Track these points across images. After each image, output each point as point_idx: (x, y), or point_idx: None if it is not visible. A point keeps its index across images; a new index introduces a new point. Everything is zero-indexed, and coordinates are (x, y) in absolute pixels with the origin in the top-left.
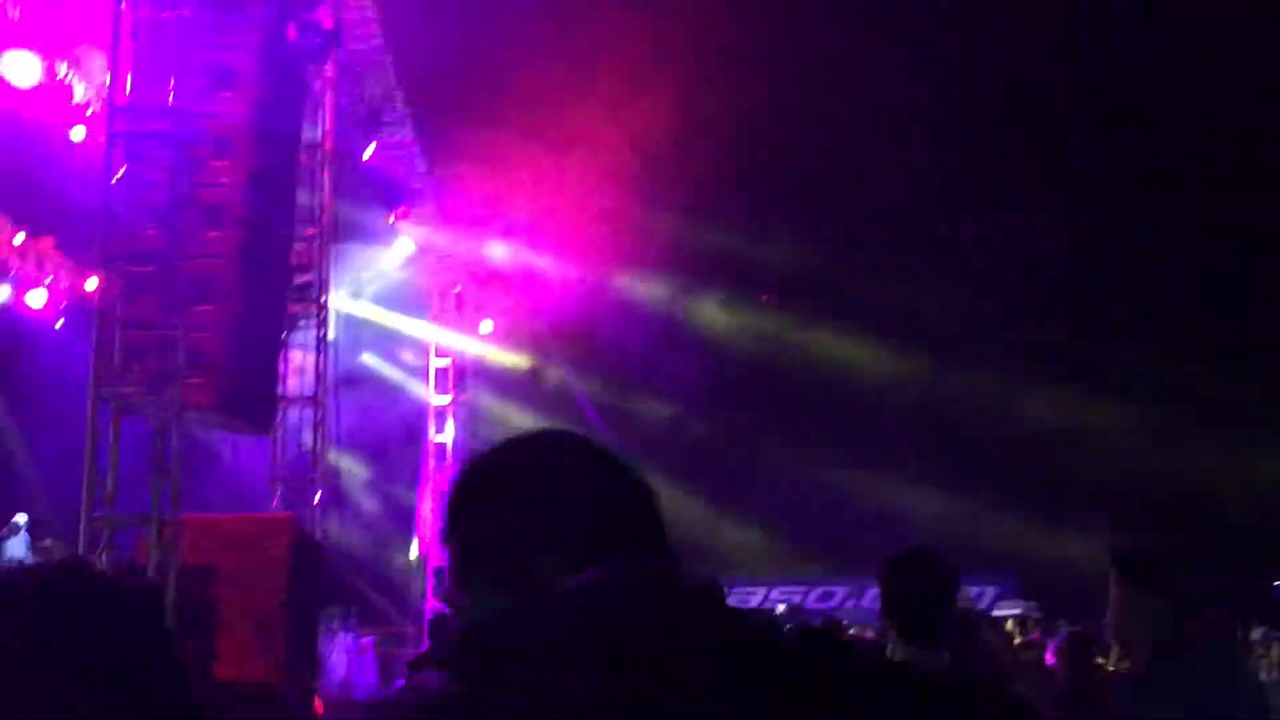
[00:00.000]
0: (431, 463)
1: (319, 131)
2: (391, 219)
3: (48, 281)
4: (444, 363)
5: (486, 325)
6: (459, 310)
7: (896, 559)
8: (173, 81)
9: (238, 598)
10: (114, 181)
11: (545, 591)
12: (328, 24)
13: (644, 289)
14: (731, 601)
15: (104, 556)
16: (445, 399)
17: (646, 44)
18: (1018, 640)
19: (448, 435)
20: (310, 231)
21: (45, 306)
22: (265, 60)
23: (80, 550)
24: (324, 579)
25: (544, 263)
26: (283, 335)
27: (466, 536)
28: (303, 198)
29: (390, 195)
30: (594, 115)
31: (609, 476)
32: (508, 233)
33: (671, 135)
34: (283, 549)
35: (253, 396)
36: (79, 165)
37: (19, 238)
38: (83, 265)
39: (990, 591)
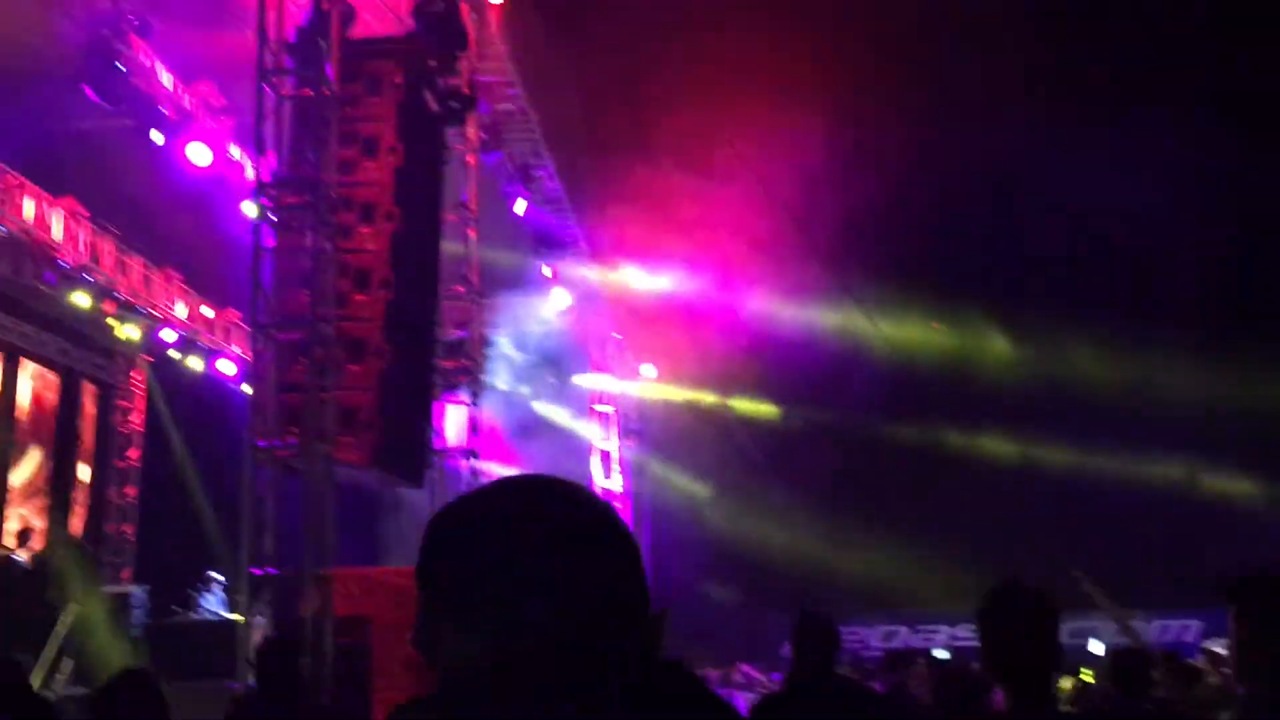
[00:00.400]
0: None
1: (465, 191)
2: (547, 270)
3: (234, 350)
4: (607, 409)
5: (648, 369)
6: (620, 356)
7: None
8: (317, 154)
9: (394, 648)
10: (262, 252)
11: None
12: (464, 89)
13: (806, 317)
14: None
15: (265, 609)
16: (611, 444)
17: (795, 73)
18: (1213, 678)
19: (615, 481)
20: (460, 289)
21: (236, 375)
22: (405, 128)
23: (245, 604)
24: None
25: (703, 299)
26: (434, 390)
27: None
28: (454, 255)
29: (544, 246)
30: (745, 148)
31: (591, 534)
32: (664, 272)
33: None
34: None
35: (403, 451)
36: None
37: (208, 311)
38: None
39: (1194, 626)
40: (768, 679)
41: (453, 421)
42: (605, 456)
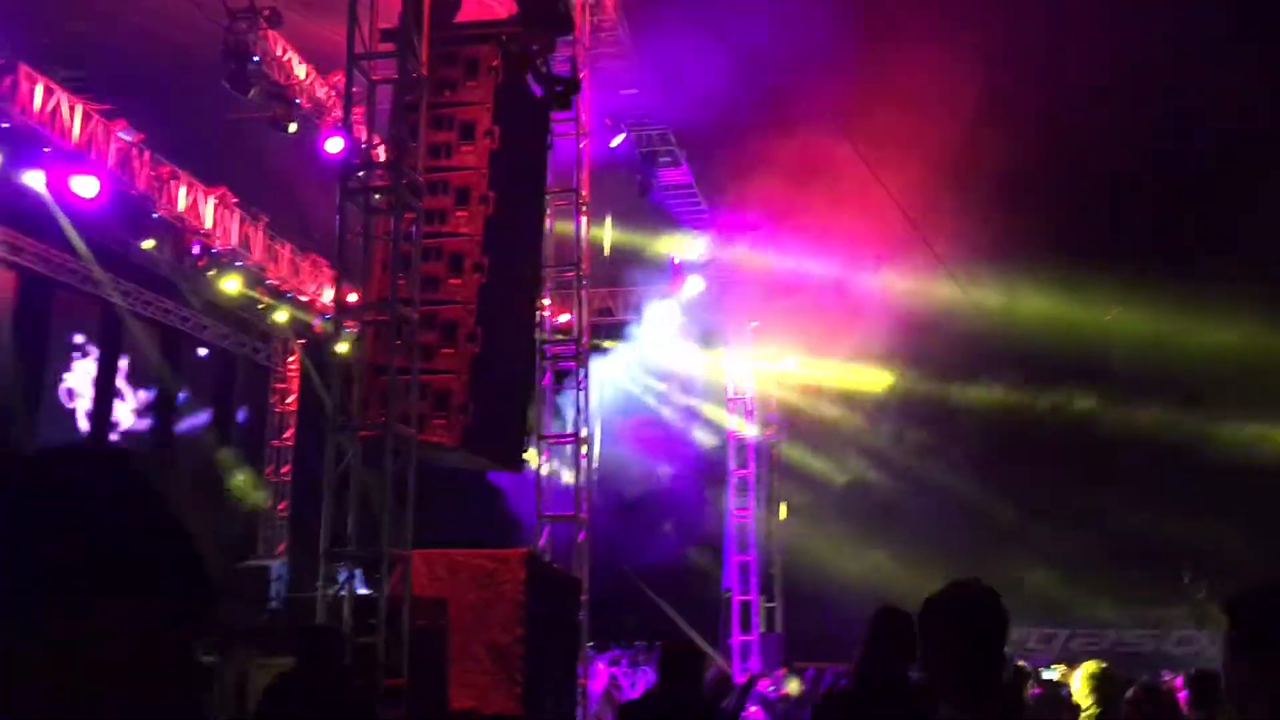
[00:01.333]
0: (734, 497)
1: (576, 175)
2: (678, 254)
3: None
4: (743, 394)
5: (787, 353)
6: (757, 339)
7: (930, 603)
8: (410, 138)
9: (476, 631)
10: (351, 235)
11: None
12: (567, 72)
13: (949, 293)
14: None
15: (345, 591)
16: (749, 431)
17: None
18: None
19: (750, 469)
20: (570, 274)
21: None
22: (503, 113)
23: (320, 584)
24: (568, 615)
25: (844, 280)
26: (535, 375)
27: None
28: (565, 240)
29: (675, 230)
30: (887, 120)
31: None
32: (800, 254)
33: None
34: (517, 584)
35: (498, 435)
36: None
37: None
38: None
39: None
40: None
41: (562, 406)
42: (739, 442)
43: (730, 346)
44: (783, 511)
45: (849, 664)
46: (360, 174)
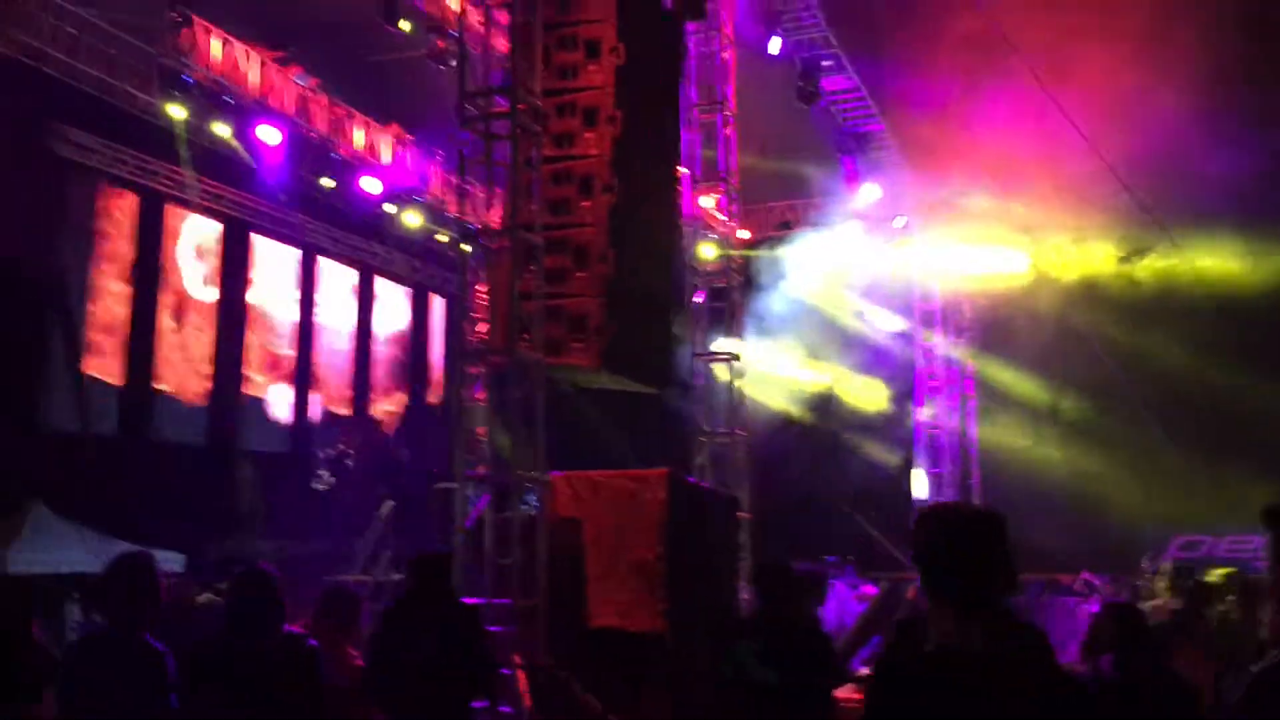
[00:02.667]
0: (923, 408)
1: (721, 89)
2: (848, 169)
3: None
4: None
5: (974, 262)
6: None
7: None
8: (538, 60)
9: (620, 551)
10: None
11: None
12: None
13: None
14: None
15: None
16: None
17: None
18: None
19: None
20: (719, 189)
21: None
22: (629, 28)
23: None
24: (720, 533)
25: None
26: (680, 293)
27: None
28: (710, 156)
29: (846, 141)
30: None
31: None
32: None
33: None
34: (658, 503)
35: (640, 356)
36: None
37: None
38: None
39: None
40: (1115, 584)
41: (716, 325)
42: (928, 354)
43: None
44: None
45: (1046, 575)
46: (479, 101)
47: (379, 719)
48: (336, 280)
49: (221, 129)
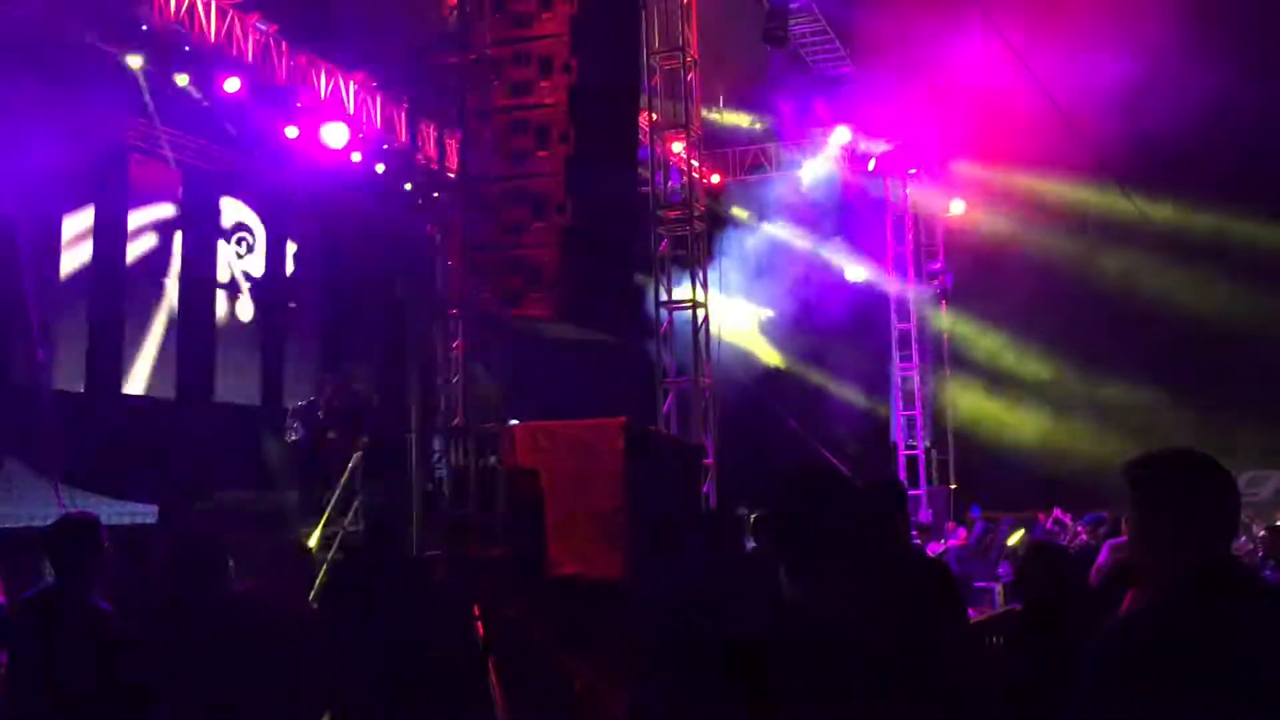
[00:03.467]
0: (897, 350)
1: (681, 33)
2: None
3: None
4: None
5: (957, 205)
6: (920, 189)
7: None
8: (496, 10)
9: (580, 500)
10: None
11: None
12: None
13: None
14: None
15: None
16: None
17: None
18: None
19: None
20: (680, 136)
21: None
22: None
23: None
24: (683, 481)
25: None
26: (635, 242)
27: None
28: (673, 103)
29: (820, 82)
30: None
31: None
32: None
33: None
34: (616, 452)
35: (599, 305)
36: None
37: None
38: None
39: None
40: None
41: (682, 272)
42: (899, 301)
43: (888, 197)
44: None
45: (1019, 514)
46: (432, 51)
47: None
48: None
49: (180, 78)
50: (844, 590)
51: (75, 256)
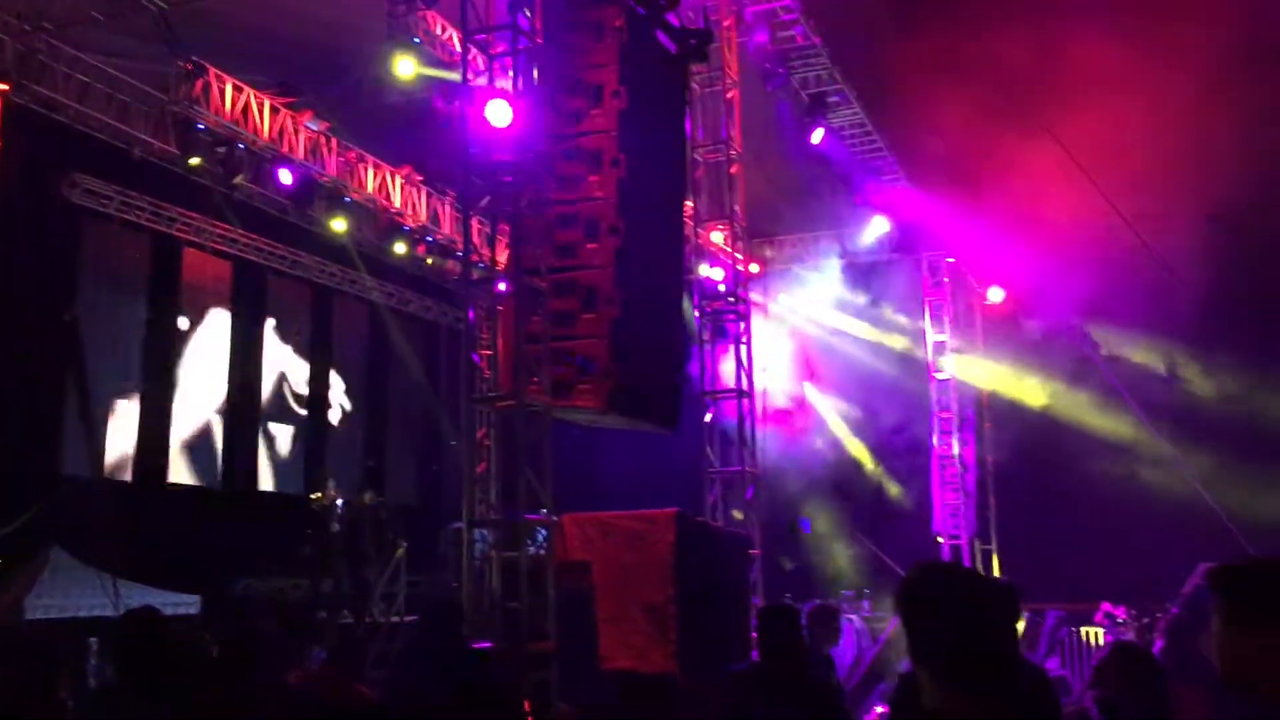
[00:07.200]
0: (938, 436)
1: (726, 128)
2: (858, 201)
3: None
4: (943, 338)
5: (996, 293)
6: (956, 280)
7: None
8: (548, 107)
9: (631, 592)
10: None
11: None
12: (699, 22)
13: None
14: None
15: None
16: (945, 374)
17: None
18: None
19: (951, 410)
20: (724, 227)
21: None
22: (632, 72)
23: (464, 550)
24: (731, 572)
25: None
26: (686, 332)
27: None
28: (717, 195)
29: (854, 175)
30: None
31: None
32: (988, 196)
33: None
34: (667, 544)
35: (650, 396)
36: None
37: None
38: None
39: None
40: (1132, 618)
41: (723, 363)
42: (942, 386)
43: (926, 286)
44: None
45: (1067, 604)
46: (481, 148)
47: None
48: (350, 320)
49: (236, 176)
50: (1002, 704)
51: None
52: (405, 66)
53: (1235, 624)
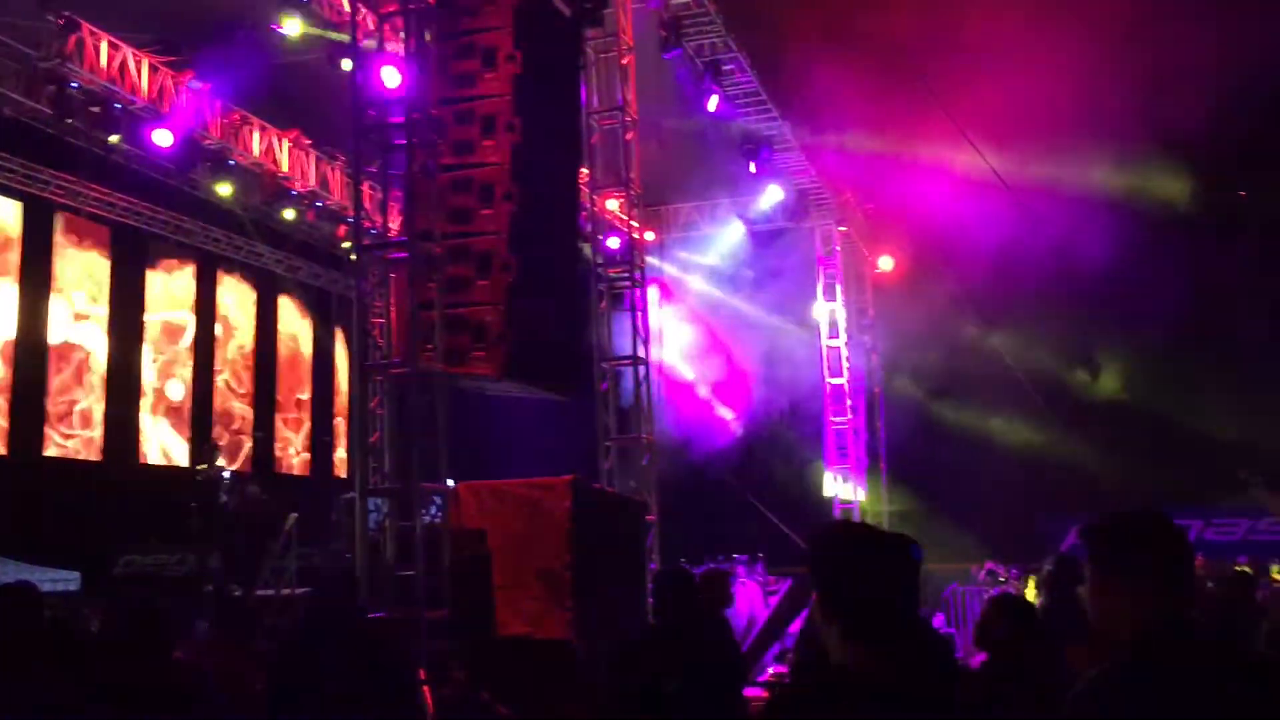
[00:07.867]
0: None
1: (620, 93)
2: (753, 168)
3: None
4: (834, 306)
5: (886, 262)
6: (848, 248)
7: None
8: (440, 70)
9: (527, 559)
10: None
11: None
12: None
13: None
14: None
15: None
16: (838, 343)
17: None
18: None
19: (843, 377)
20: (620, 194)
21: None
22: (526, 36)
23: (357, 519)
24: (627, 538)
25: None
26: (583, 299)
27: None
28: (612, 160)
29: (748, 143)
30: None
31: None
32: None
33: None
34: (563, 510)
35: (548, 361)
36: None
37: None
38: None
39: None
40: (1013, 576)
41: (620, 329)
42: (833, 355)
43: (819, 254)
44: None
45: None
46: (375, 110)
47: None
48: (235, 290)
49: (113, 137)
50: (904, 655)
51: None
52: (292, 26)
53: (1100, 578)
